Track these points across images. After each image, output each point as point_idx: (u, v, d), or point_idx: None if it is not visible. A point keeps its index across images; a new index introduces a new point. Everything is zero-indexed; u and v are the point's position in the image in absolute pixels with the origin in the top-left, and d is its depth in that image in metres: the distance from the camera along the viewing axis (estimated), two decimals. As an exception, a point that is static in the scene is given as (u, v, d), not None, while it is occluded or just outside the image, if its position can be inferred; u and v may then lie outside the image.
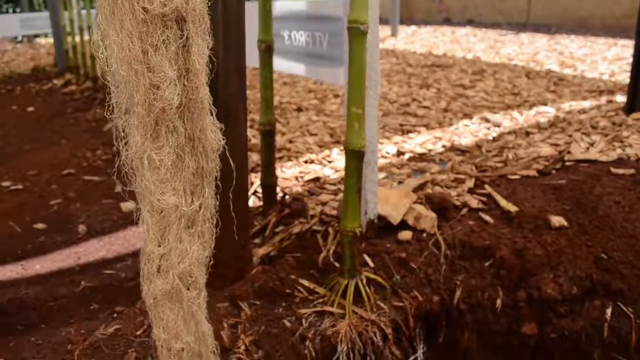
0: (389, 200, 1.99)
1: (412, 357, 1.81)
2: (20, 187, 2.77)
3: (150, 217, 1.11)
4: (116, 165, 1.08)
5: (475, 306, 1.83)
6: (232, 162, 1.27)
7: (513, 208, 2.02)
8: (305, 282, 1.82)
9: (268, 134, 2.09)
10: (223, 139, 1.16)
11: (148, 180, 1.08)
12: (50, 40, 6.89)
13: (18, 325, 1.72)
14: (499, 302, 1.82)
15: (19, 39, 8.41)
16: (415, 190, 2.13)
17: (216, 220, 1.21)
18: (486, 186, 2.22)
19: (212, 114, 1.13)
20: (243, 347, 1.57)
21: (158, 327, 1.19)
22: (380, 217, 1.98)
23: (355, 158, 1.66)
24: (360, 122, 1.64)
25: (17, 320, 1.74)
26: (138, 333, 1.59)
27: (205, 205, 1.18)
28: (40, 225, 2.33)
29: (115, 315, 1.69)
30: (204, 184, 1.17)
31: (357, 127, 1.63)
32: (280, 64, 2.18)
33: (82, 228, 2.29)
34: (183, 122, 1.09)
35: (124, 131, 1.08)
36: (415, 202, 2.02)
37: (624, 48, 5.61)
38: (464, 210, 2.04)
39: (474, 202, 2.09)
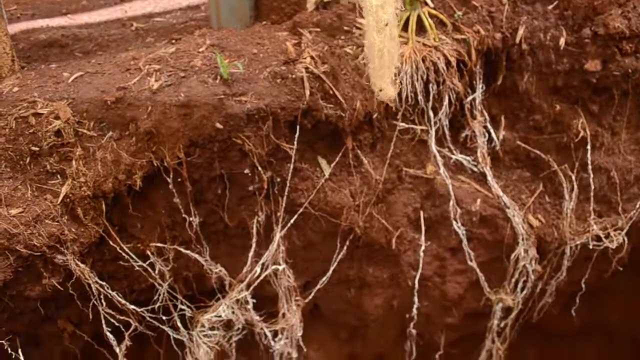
0: (448, -54, 1.88)
1: (471, 97, 1.80)
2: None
3: None
4: None
5: (537, 47, 1.78)
6: None
7: (578, -43, 1.91)
8: (363, 20, 1.77)
9: None
10: None
11: None
12: None
13: (76, 53, 1.70)
14: (562, 41, 1.77)
15: None
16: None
17: None
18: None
19: None
20: (309, 58, 1.55)
21: None
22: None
23: None
24: None
25: (73, 49, 1.72)
26: (201, 50, 1.57)
27: None
28: (80, -6, 2.26)
29: (173, 41, 1.66)
30: None
31: None
32: None
33: (123, -6, 2.21)
34: None
35: None
36: (475, -50, 1.91)
37: None
38: (526, -38, 1.94)
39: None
